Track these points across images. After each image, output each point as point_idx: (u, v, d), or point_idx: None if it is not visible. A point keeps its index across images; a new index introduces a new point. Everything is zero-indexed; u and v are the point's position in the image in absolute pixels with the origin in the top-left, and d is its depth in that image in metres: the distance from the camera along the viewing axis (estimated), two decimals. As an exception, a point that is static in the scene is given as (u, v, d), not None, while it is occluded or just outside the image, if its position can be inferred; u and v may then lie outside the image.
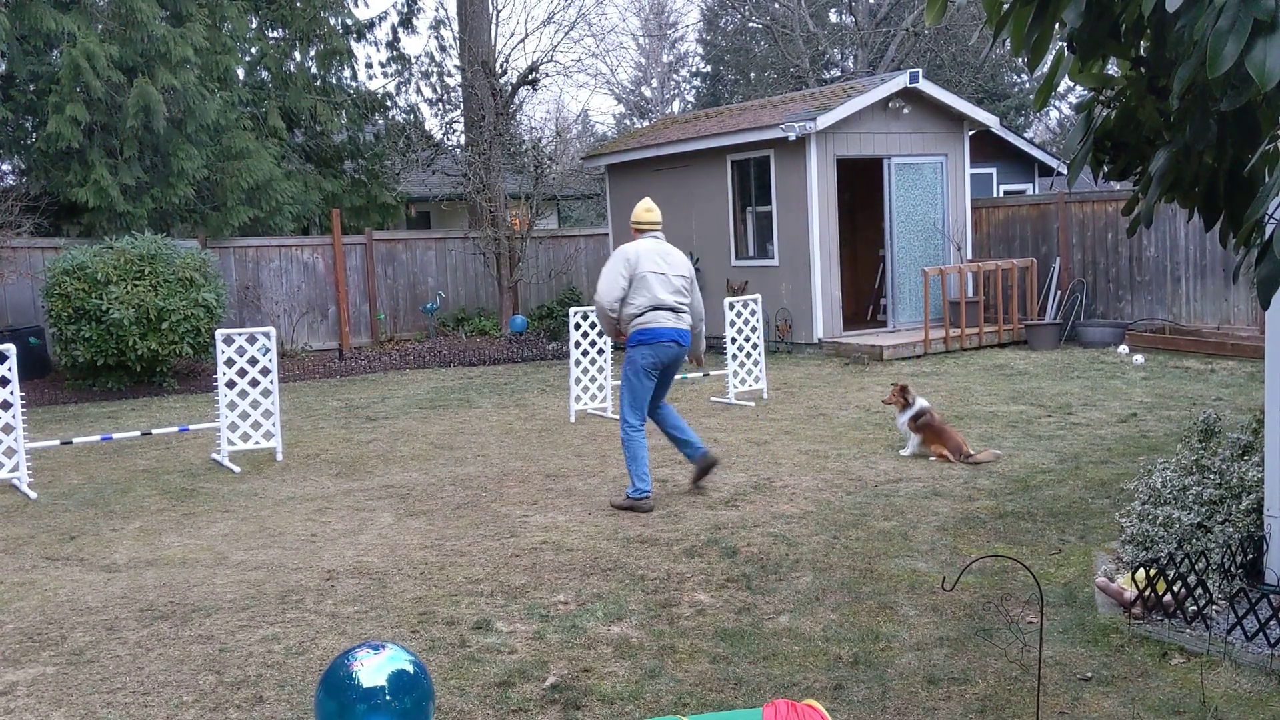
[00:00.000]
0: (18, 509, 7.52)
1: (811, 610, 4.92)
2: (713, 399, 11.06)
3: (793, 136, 13.78)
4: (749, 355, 11.00)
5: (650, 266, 6.97)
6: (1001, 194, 18.48)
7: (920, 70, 15.00)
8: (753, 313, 11.03)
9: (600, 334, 10.29)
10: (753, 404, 10.60)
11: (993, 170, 18.54)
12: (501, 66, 19.40)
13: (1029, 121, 35.41)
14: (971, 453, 7.74)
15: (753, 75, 34.77)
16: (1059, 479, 7.11)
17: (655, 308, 6.94)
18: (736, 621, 4.83)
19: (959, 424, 9.03)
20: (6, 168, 16.74)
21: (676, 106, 39.39)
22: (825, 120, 13.75)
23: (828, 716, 2.85)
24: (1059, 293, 15.00)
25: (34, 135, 15.14)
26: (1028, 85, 33.91)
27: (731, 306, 10.99)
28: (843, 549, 5.81)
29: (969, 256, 15.24)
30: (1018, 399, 10.23)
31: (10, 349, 7.96)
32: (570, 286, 18.84)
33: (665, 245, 7.18)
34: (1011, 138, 18.82)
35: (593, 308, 10.42)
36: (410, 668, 2.08)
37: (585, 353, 10.27)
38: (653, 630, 4.77)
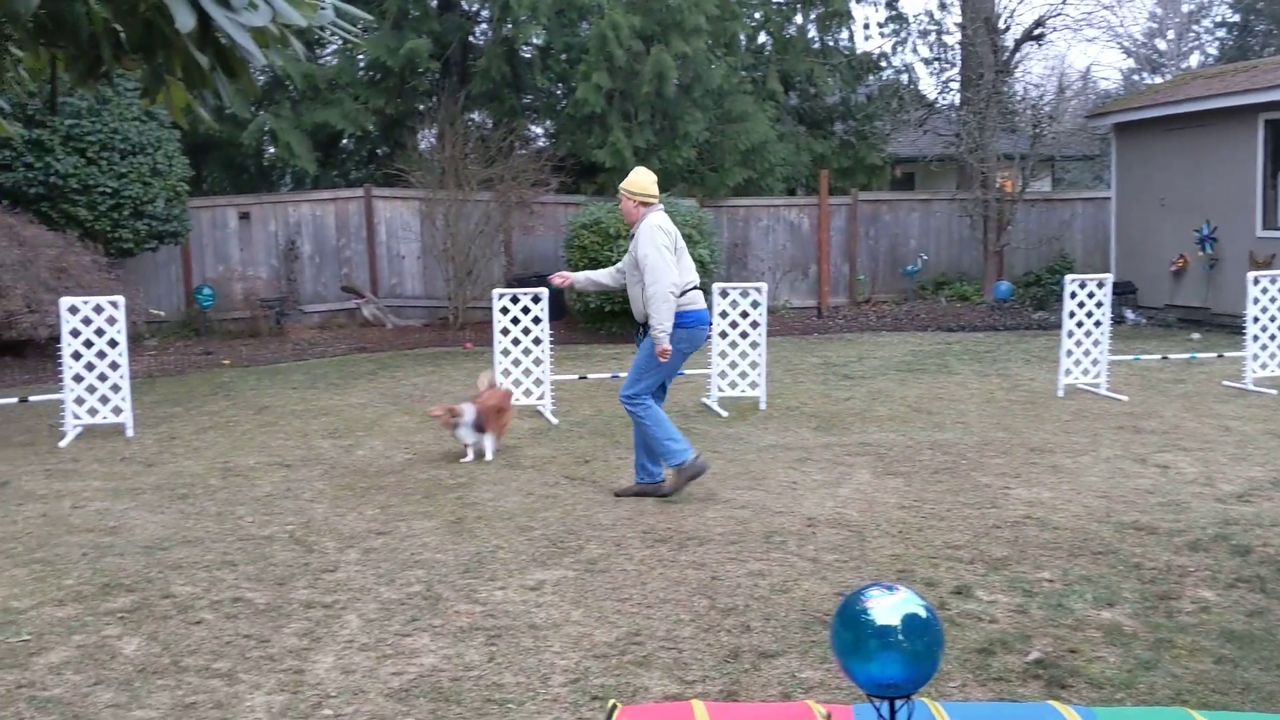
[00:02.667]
0: (543, 432, 8.55)
1: (1343, 626, 4.37)
2: (1226, 383, 10.02)
3: (1347, 90, 11.98)
4: (1273, 337, 9.82)
5: (673, 244, 6.40)
6: None
7: None
8: (1281, 290, 9.82)
9: (1098, 305, 9.66)
10: (1274, 392, 9.48)
11: None
12: (1005, 22, 18.62)
13: None
14: None
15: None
16: None
17: (695, 286, 6.45)
18: (1247, 624, 4.41)
19: None
20: (539, 131, 18.84)
21: (1194, 61, 35.56)
22: (1392, 70, 11.81)
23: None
24: None
25: (564, 102, 16.88)
26: None
27: (1256, 281, 9.86)
28: (1386, 563, 5.08)
29: None
30: None
31: (544, 292, 9.05)
32: (1062, 253, 17.80)
33: (670, 220, 6.61)
34: None
35: (1092, 275, 9.82)
36: (923, 612, 2.15)
37: (1080, 324, 9.71)
38: (1148, 621, 4.49)
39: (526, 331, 9.20)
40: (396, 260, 16.11)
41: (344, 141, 18.23)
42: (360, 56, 16.58)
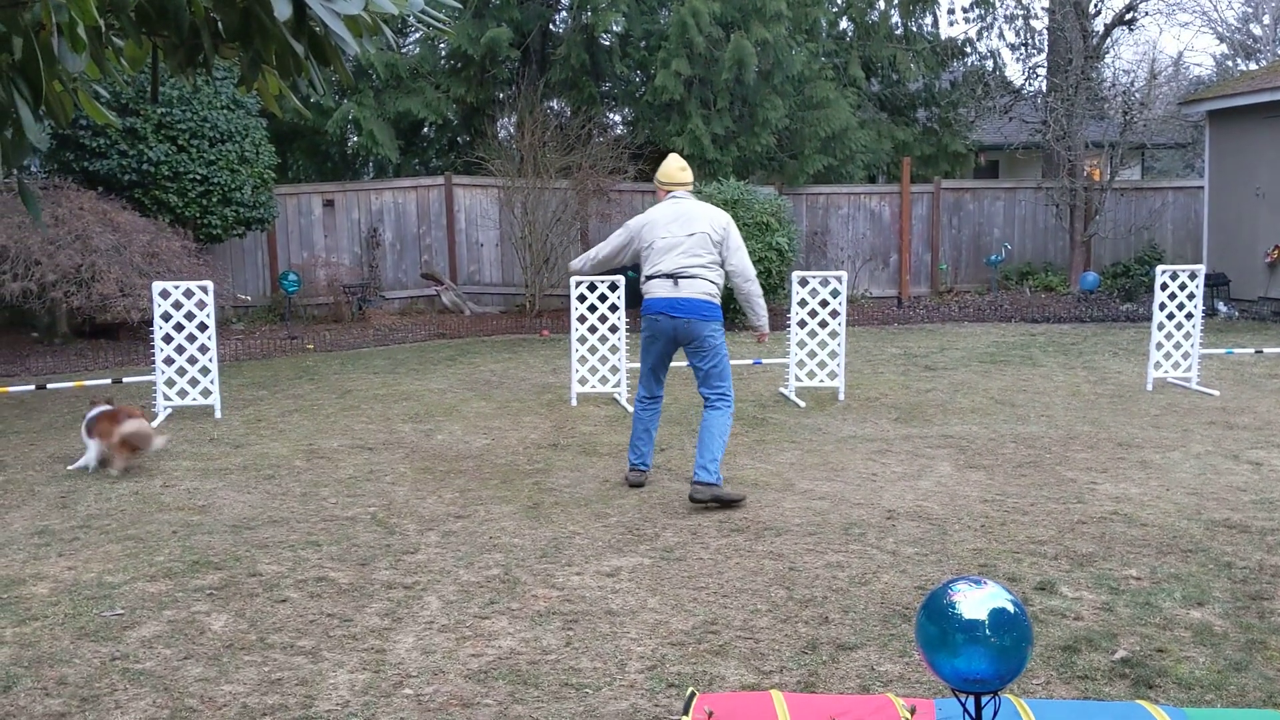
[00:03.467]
0: (618, 419, 8.57)
1: None
2: (1323, 379, 9.69)
3: None
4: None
5: (657, 234, 6.22)
6: None
7: None
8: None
9: (1190, 297, 9.39)
10: (1376, 389, 9.13)
11: None
12: (1095, 7, 18.14)
13: None
14: None
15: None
16: None
17: (651, 276, 6.21)
18: (1347, 629, 4.26)
19: None
20: (617, 119, 18.85)
21: (1295, 44, 34.28)
22: None
23: None
24: None
25: (642, 89, 16.86)
26: None
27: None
28: None
29: None
30: None
31: (620, 280, 9.06)
32: (1151, 243, 17.35)
33: (686, 205, 6.32)
34: None
35: (1184, 267, 9.56)
36: (1011, 608, 2.11)
37: (1171, 315, 9.45)
38: (1239, 621, 4.36)
39: (603, 319, 9.24)
40: (475, 248, 16.27)
41: (425, 130, 18.44)
42: (442, 45, 16.74)
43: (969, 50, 20.18)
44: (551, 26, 17.45)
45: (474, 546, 5.44)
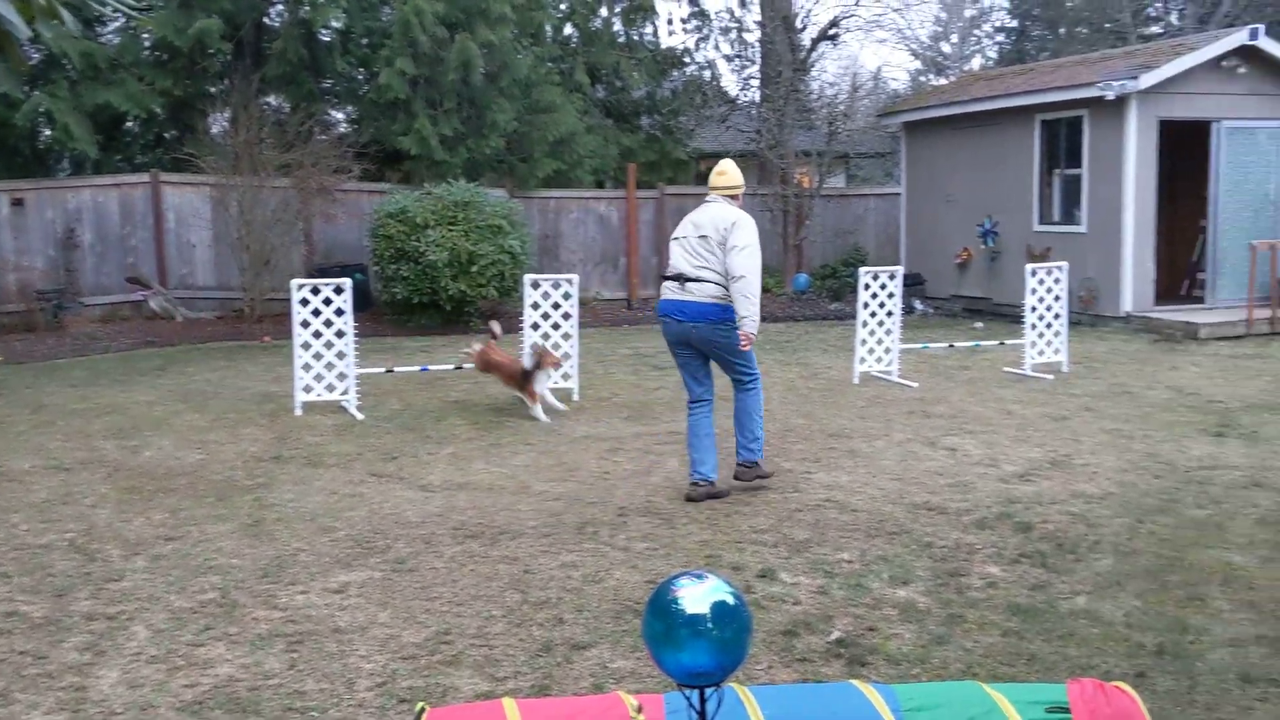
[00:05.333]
0: (347, 428, 8.29)
1: (1112, 594, 4.70)
2: (1007, 370, 10.65)
3: (1111, 96, 12.92)
4: (1049, 325, 10.49)
5: (677, 232, 6.58)
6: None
7: (1261, 27, 13.65)
8: (1056, 280, 10.49)
9: (890, 296, 10.10)
10: (1051, 377, 10.13)
11: (1341, 136, 16.63)
12: (802, 21, 19.23)
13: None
14: None
15: (1062, 30, 32.69)
16: (1406, 481, 6.41)
17: (663, 277, 6.54)
18: (1030, 598, 4.68)
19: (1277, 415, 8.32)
20: (340, 116, 18.27)
21: (976, 63, 37.61)
22: (1149, 79, 12.81)
23: (1140, 703, 2.74)
24: None
25: (366, 87, 16.41)
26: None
27: (1034, 273, 10.50)
28: (1148, 534, 5.50)
29: (1307, 231, 13.84)
30: (1357, 390, 9.26)
31: (346, 282, 8.77)
32: (856, 246, 18.56)
33: (712, 208, 6.41)
34: (1367, 100, 16.79)
35: (884, 268, 10.26)
36: (731, 599, 2.17)
37: (874, 314, 10.13)
38: (940, 598, 4.71)
39: (329, 324, 8.89)
40: (187, 249, 15.32)
41: (128, 124, 17.15)
42: (145, 35, 15.65)
43: (688, 60, 20.91)
44: (267, 20, 16.67)
45: (187, 570, 5.11)
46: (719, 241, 6.23)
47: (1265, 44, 13.22)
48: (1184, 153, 14.70)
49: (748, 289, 6.14)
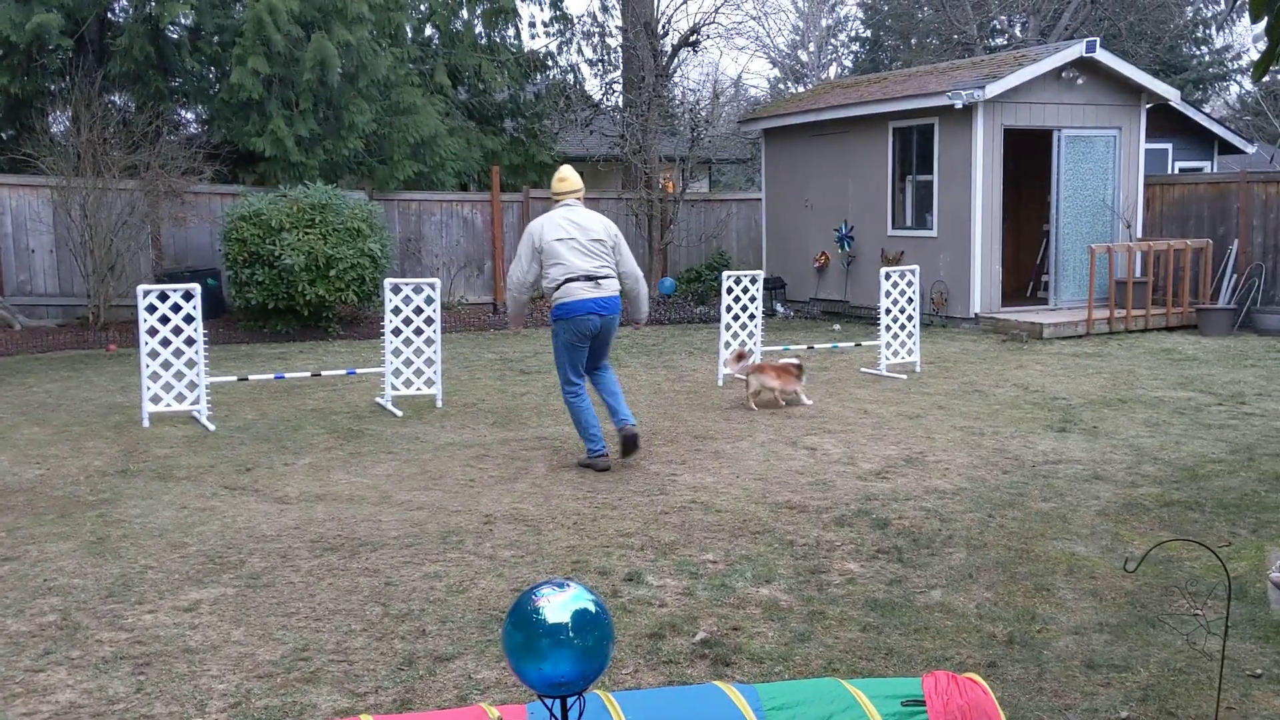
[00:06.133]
0: (198, 440, 7.99)
1: (965, 587, 4.86)
2: (863, 370, 10.93)
3: (959, 104, 13.41)
4: (903, 327, 10.82)
5: (556, 234, 6.84)
6: (1177, 171, 17.61)
7: (1098, 40, 14.38)
8: (909, 284, 10.83)
9: (752, 299, 10.26)
10: (904, 377, 10.44)
11: (1168, 146, 17.65)
12: (663, 28, 19.38)
13: (1207, 96, 33.46)
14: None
15: (914, 41, 33.81)
16: (1230, 470, 6.81)
17: (569, 279, 6.78)
18: (887, 593, 4.81)
19: (1122, 407, 8.75)
20: (190, 116, 17.63)
21: (833, 72, 38.64)
22: (994, 89, 13.34)
23: (990, 692, 2.83)
24: (1234, 276, 14.25)
25: (217, 86, 15.86)
26: (1207, 58, 32.04)
27: (888, 276, 10.81)
28: (998, 528, 5.71)
29: (1139, 235, 14.62)
30: (1186, 385, 9.80)
31: (196, 288, 8.44)
32: (720, 250, 18.81)
33: (580, 211, 7.01)
34: (1191, 112, 17.88)
35: (746, 272, 10.41)
36: (593, 607, 2.16)
37: (736, 317, 10.27)
38: (802, 595, 4.79)
39: (178, 331, 8.55)
40: (25, 254, 14.56)
41: (-42, 122, 16.21)
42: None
43: (551, 64, 20.86)
44: (110, 15, 15.95)
45: (25, 591, 4.84)
46: (612, 245, 7.00)
47: (1102, 56, 13.92)
48: (1029, 160, 15.39)
49: (645, 287, 7.32)
